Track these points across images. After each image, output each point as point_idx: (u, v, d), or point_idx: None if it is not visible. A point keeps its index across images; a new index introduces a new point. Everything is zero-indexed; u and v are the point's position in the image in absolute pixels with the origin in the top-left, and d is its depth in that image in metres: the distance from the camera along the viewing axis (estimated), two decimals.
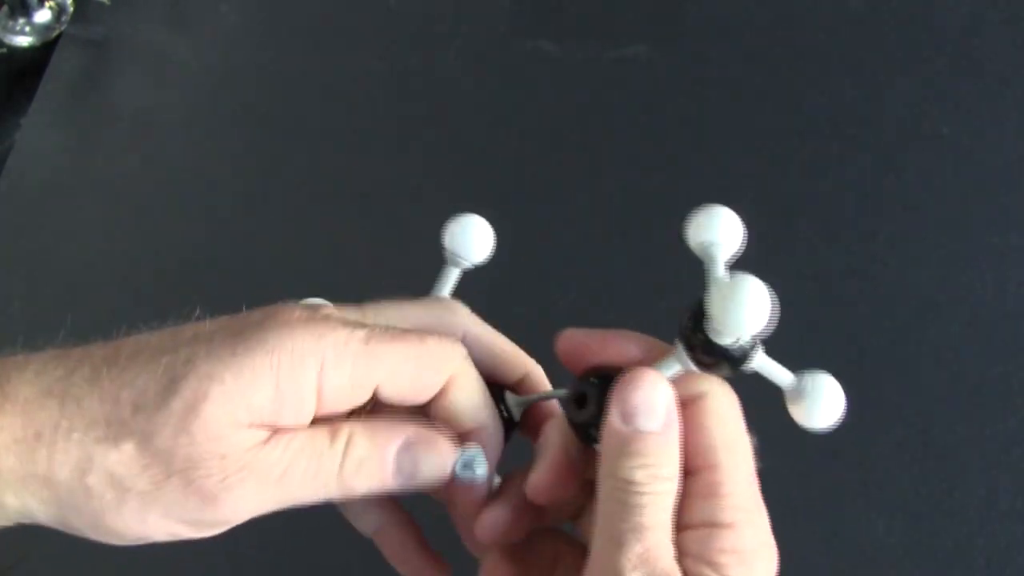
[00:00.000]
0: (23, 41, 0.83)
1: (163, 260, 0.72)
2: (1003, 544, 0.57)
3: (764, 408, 0.65)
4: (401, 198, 0.74)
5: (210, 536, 0.34)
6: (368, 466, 0.34)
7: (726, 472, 0.33)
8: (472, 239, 0.39)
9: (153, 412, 0.32)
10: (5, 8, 0.83)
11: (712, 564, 0.32)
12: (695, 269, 0.36)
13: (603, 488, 0.33)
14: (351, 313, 0.38)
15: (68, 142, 0.80)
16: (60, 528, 0.33)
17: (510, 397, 0.38)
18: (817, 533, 0.58)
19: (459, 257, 0.39)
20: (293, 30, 0.85)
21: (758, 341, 0.35)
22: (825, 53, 0.78)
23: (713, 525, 0.32)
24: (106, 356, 0.34)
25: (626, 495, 0.32)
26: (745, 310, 0.32)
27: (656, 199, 0.72)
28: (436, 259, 0.40)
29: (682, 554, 0.32)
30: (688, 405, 0.34)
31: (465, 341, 0.37)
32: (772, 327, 0.33)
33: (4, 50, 0.83)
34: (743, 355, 0.35)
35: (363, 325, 0.35)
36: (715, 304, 0.33)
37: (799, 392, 0.36)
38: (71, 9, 0.85)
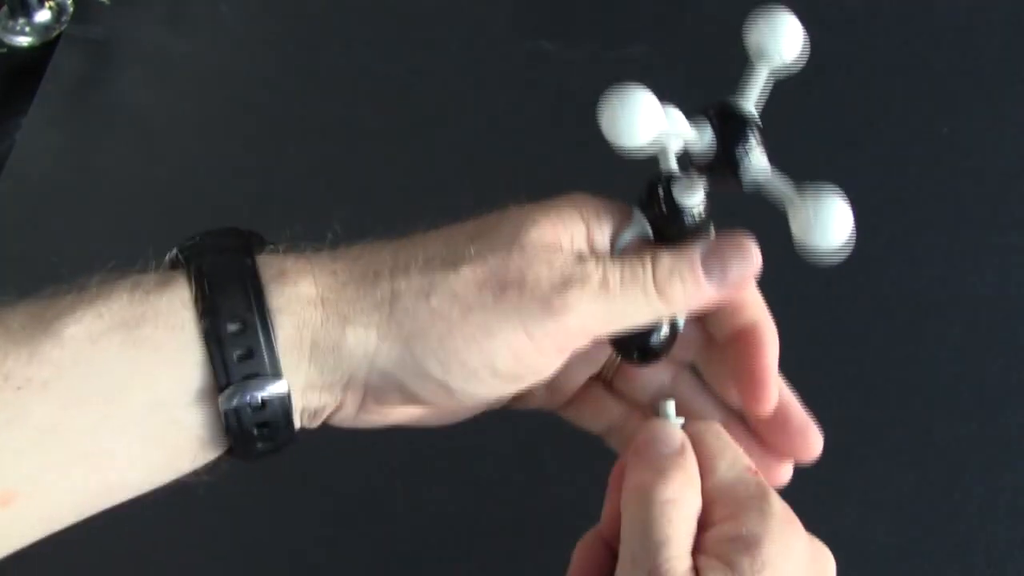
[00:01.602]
0: (23, 41, 0.83)
1: (163, 259, 0.72)
2: (1003, 544, 0.57)
3: None
4: (401, 198, 0.74)
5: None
6: (679, 272, 0.35)
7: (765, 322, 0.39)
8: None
9: (486, 238, 0.35)
10: (5, 8, 0.83)
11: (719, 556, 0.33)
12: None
13: (629, 506, 0.35)
14: None
15: (68, 142, 0.80)
16: (397, 375, 0.34)
17: None
18: (817, 533, 0.58)
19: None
20: (293, 30, 0.85)
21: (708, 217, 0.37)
22: (825, 53, 0.78)
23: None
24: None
25: (649, 509, 0.34)
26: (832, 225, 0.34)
27: None
28: None
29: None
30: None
31: None
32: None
33: (4, 50, 0.83)
34: (697, 226, 0.36)
35: None
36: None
37: (799, 207, 0.35)
38: (71, 9, 0.85)
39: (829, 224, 0.34)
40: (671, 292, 0.35)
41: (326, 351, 0.33)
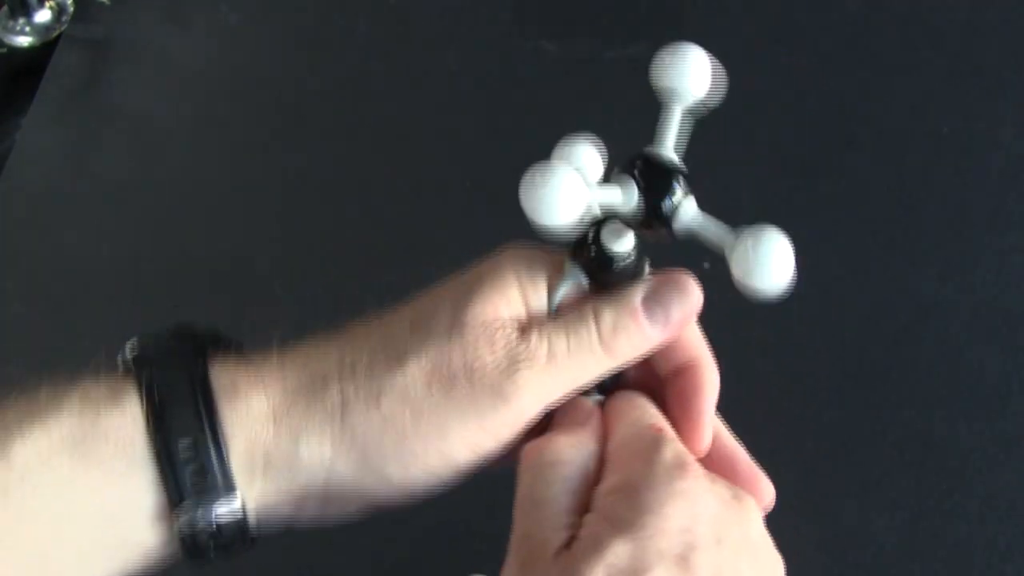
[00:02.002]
0: (23, 41, 0.83)
1: (163, 259, 0.72)
2: (1003, 544, 0.57)
3: (765, 408, 0.65)
4: (401, 198, 0.74)
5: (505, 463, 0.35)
6: (622, 324, 0.35)
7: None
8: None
9: (426, 327, 0.34)
10: (5, 8, 0.83)
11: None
12: (695, 264, 0.36)
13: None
14: None
15: (68, 142, 0.80)
16: (356, 483, 0.34)
17: None
18: (817, 533, 0.58)
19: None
20: (293, 30, 0.85)
21: (645, 256, 0.36)
22: (825, 53, 0.78)
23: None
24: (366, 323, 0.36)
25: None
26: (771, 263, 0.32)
27: None
28: (436, 258, 0.40)
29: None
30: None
31: None
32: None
33: (4, 50, 0.83)
34: (631, 270, 0.36)
35: None
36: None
37: (738, 248, 0.33)
38: (71, 9, 0.85)
39: (769, 264, 0.33)
40: (618, 347, 0.35)
41: (280, 465, 0.33)
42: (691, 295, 0.36)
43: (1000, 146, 0.72)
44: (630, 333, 0.35)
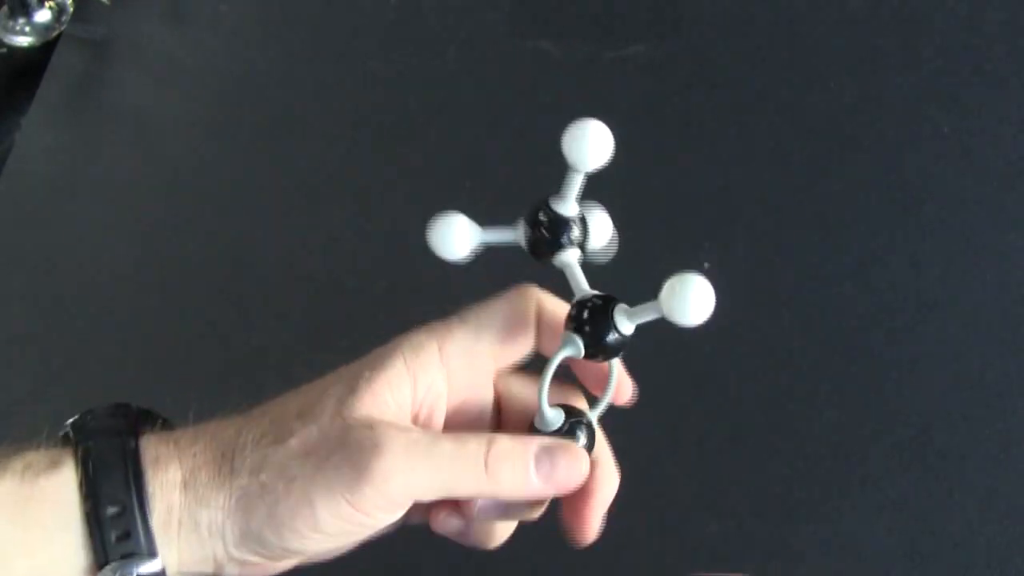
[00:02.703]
0: (23, 41, 0.83)
1: (163, 259, 0.72)
2: (1003, 544, 0.57)
3: (765, 407, 0.65)
4: (401, 198, 0.74)
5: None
6: (511, 458, 0.37)
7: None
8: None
9: (312, 411, 0.37)
10: (5, 8, 0.83)
11: None
12: (695, 265, 0.36)
13: None
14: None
15: (68, 142, 0.80)
16: (247, 546, 0.36)
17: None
18: (817, 533, 0.58)
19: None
20: (293, 30, 0.85)
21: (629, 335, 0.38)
22: (825, 53, 0.78)
23: None
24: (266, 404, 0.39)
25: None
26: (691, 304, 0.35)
27: (656, 198, 0.72)
28: (436, 257, 0.40)
29: None
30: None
31: (540, 317, 0.41)
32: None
33: (4, 50, 0.83)
34: (621, 345, 0.38)
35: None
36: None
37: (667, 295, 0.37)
38: (71, 9, 0.85)
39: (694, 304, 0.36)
40: (500, 474, 0.37)
41: (189, 531, 0.36)
42: (580, 467, 0.38)
43: (1000, 146, 0.72)
44: (515, 469, 0.37)
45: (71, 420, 0.38)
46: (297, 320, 0.69)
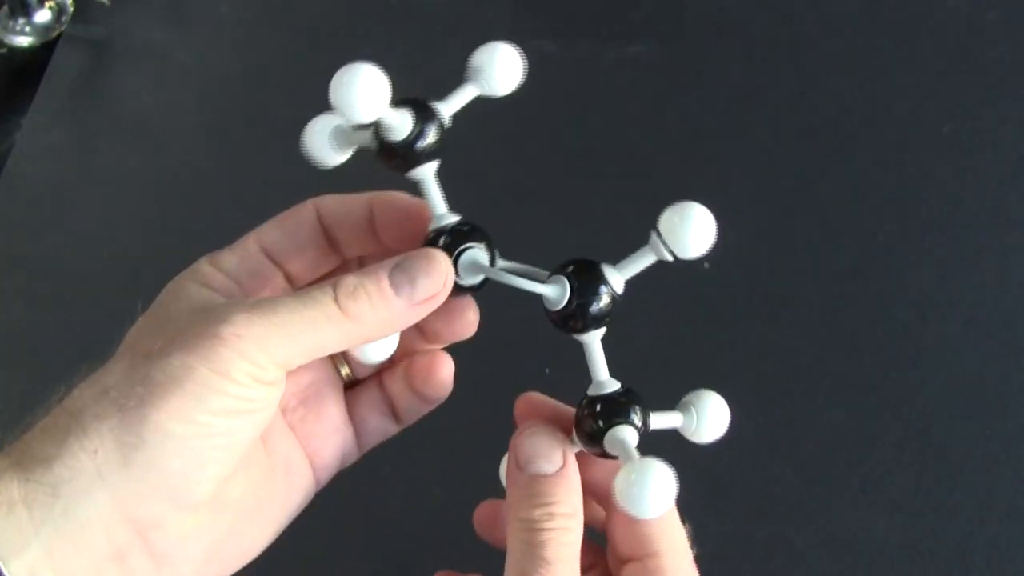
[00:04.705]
0: (23, 41, 0.83)
1: (163, 259, 0.72)
2: (1003, 544, 0.57)
3: (765, 407, 0.65)
4: None
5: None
6: (363, 288, 0.34)
7: (667, 558, 0.36)
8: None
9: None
10: (5, 8, 0.83)
11: None
12: (695, 268, 0.36)
13: (510, 533, 0.35)
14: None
15: (68, 142, 0.80)
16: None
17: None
18: (817, 533, 0.58)
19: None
20: (293, 30, 0.85)
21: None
22: (825, 53, 0.78)
23: None
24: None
25: (528, 534, 0.34)
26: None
27: (656, 199, 0.71)
28: None
29: None
30: None
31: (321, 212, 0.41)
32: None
33: (4, 50, 0.83)
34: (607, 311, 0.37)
35: None
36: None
37: (688, 414, 0.38)
38: (71, 9, 0.85)
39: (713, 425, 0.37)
40: (358, 311, 0.34)
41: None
42: (439, 269, 0.36)
43: (1000, 146, 0.72)
44: (372, 299, 0.34)
45: None
46: None
